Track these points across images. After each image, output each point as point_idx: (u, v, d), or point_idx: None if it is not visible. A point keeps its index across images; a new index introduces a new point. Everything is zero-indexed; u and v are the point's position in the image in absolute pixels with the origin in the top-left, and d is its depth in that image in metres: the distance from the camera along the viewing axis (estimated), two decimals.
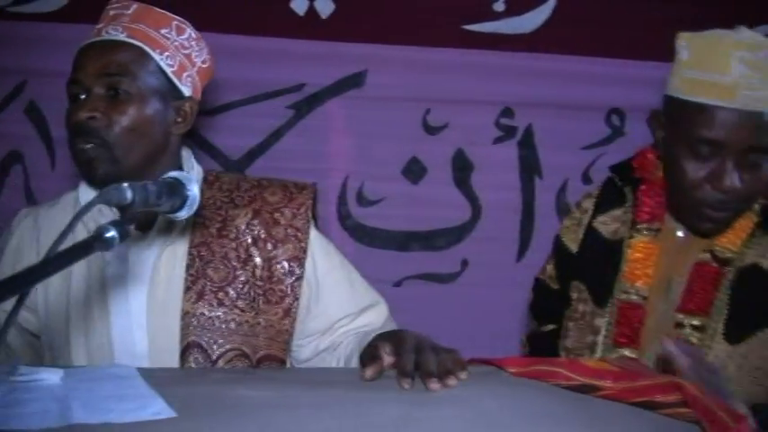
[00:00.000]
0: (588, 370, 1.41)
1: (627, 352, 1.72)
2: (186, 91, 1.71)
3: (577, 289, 1.86)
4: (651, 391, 1.28)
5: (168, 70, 1.67)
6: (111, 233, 1.11)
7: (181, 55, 1.70)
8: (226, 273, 1.69)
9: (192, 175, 1.50)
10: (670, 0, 2.87)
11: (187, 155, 1.78)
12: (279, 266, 1.71)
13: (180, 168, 1.73)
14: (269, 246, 1.72)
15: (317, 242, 1.76)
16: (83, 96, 1.63)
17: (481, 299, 2.88)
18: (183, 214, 1.33)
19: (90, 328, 1.70)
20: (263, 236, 1.72)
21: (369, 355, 1.49)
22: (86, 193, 1.73)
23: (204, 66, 1.77)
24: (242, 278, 1.70)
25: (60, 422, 1.14)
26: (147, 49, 1.65)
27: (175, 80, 1.68)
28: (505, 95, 2.91)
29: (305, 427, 1.15)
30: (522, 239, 2.95)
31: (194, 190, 1.31)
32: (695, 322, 1.67)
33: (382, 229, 2.90)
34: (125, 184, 1.17)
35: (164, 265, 1.69)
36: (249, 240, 1.72)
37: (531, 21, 2.89)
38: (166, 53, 1.67)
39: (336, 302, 1.77)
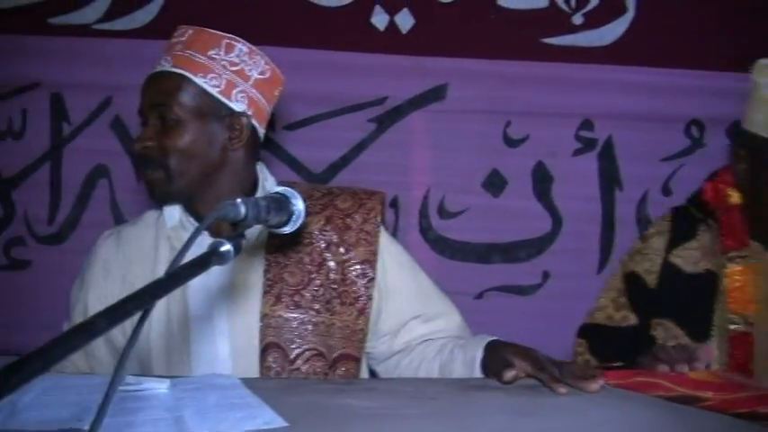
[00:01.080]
0: (690, 381, 1.42)
1: None
2: (238, 107, 1.74)
3: (663, 327, 1.82)
4: (754, 402, 1.30)
5: (213, 91, 1.71)
6: (227, 247, 1.15)
7: (229, 72, 1.73)
8: (301, 277, 1.76)
9: (292, 190, 1.54)
10: (747, 10, 2.88)
11: (260, 168, 1.84)
12: (351, 269, 1.78)
13: (253, 183, 1.80)
14: (341, 250, 1.79)
15: (387, 245, 1.83)
16: (143, 125, 1.72)
17: (562, 311, 2.87)
18: (288, 229, 1.37)
19: (171, 337, 1.75)
20: (335, 240, 1.79)
21: (501, 363, 1.54)
22: (171, 211, 1.80)
23: (263, 77, 1.78)
24: (317, 281, 1.77)
25: (176, 431, 1.16)
26: (187, 74, 1.70)
27: (223, 99, 1.72)
28: (585, 107, 2.92)
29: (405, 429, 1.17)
30: (603, 251, 2.95)
31: (299, 205, 1.35)
32: None
33: (463, 242, 2.91)
34: (239, 200, 1.21)
35: (243, 272, 1.76)
36: (323, 245, 1.79)
37: (609, 33, 2.92)
38: (210, 74, 1.71)
39: (406, 304, 1.83)
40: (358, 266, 1.78)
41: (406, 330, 1.83)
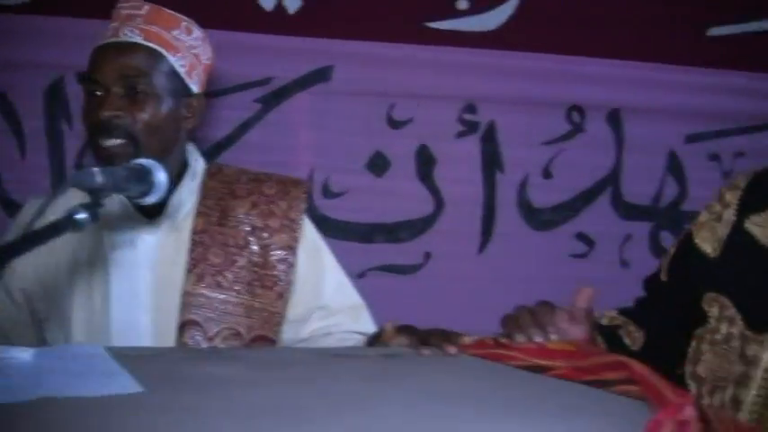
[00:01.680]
0: (545, 351, 1.47)
1: None
2: (195, 88, 1.85)
3: (719, 304, 1.52)
4: (600, 369, 1.34)
5: (181, 71, 1.81)
6: (83, 215, 1.19)
7: (191, 55, 1.84)
8: (225, 258, 1.85)
9: (154, 162, 1.61)
10: None
11: (191, 148, 1.93)
12: (273, 254, 1.87)
13: (185, 161, 1.89)
14: (265, 234, 1.87)
15: (308, 234, 1.93)
16: (99, 93, 1.75)
17: (443, 291, 2.95)
18: (152, 199, 1.52)
19: (92, 308, 1.82)
20: (259, 225, 1.88)
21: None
22: None
23: (208, 62, 1.92)
24: (240, 263, 1.85)
25: (30, 396, 1.18)
26: (162, 51, 1.79)
27: (186, 79, 1.82)
28: (468, 91, 2.98)
29: (264, 401, 1.21)
30: (484, 233, 3.02)
31: (161, 177, 1.48)
32: None
33: (346, 221, 2.95)
34: (95, 169, 1.27)
35: (168, 250, 1.84)
36: (247, 229, 1.87)
37: (493, 18, 2.96)
38: (179, 54, 1.82)
39: (314, 294, 1.92)
40: (280, 252, 1.87)
41: (312, 320, 1.92)
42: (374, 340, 1.78)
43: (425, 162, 3.00)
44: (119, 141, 1.72)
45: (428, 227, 3.00)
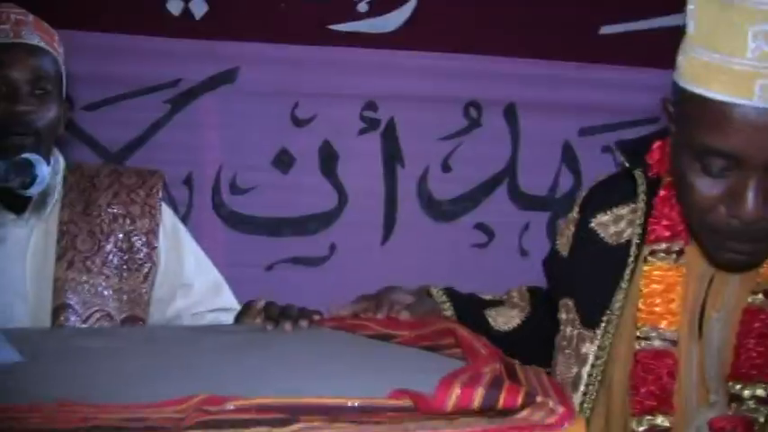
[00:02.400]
0: (393, 323, 1.60)
1: (659, 420, 1.30)
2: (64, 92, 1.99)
3: (566, 308, 1.50)
4: (435, 336, 1.48)
5: (63, 75, 1.95)
6: None
7: (60, 59, 1.97)
8: (92, 244, 1.97)
9: (38, 156, 1.75)
10: None
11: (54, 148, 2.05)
12: (137, 239, 1.99)
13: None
14: (128, 221, 1.99)
15: (166, 218, 2.05)
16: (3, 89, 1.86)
17: (348, 281, 3.04)
18: (34, 191, 1.67)
19: None
20: (122, 212, 1.99)
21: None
22: None
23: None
24: (107, 249, 1.96)
25: None
26: (56, 55, 1.93)
27: (63, 83, 1.96)
28: (369, 90, 3.11)
29: (131, 369, 1.33)
30: (387, 225, 3.16)
31: (43, 170, 1.63)
32: (760, 392, 1.21)
33: (254, 216, 3.07)
34: None
35: (38, 240, 1.95)
36: (111, 217, 1.99)
37: (392, 20, 3.11)
38: (60, 59, 1.95)
39: (177, 273, 2.03)
40: (142, 236, 1.99)
41: (177, 299, 2.03)
42: (240, 317, 1.87)
43: (328, 158, 3.13)
44: (25, 137, 1.84)
45: (333, 220, 3.13)
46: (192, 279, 2.04)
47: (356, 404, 1.03)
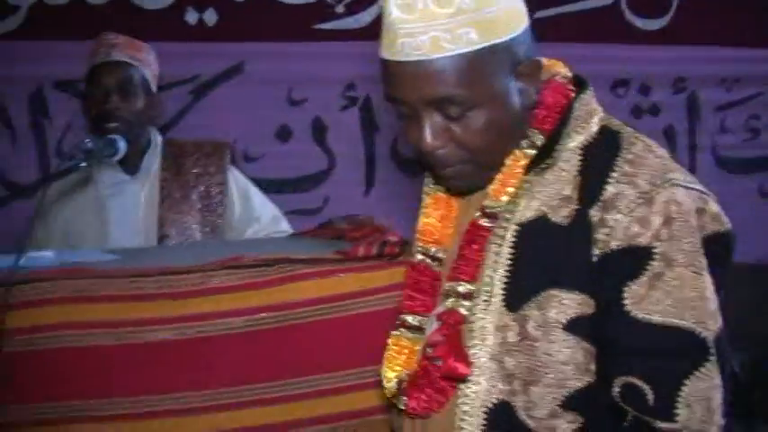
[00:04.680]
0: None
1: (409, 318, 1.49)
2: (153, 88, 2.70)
3: None
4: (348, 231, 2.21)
5: (149, 77, 2.69)
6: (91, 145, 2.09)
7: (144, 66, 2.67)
8: (183, 194, 2.65)
9: (119, 136, 2.36)
10: None
11: (153, 130, 2.76)
12: (213, 189, 2.66)
13: (149, 138, 2.70)
14: (206, 177, 2.67)
15: (235, 173, 2.75)
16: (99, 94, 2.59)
17: None
18: (116, 158, 2.34)
19: (89, 243, 2.54)
20: (201, 172, 2.67)
21: None
22: None
23: (157, 71, 2.79)
24: (192, 197, 2.65)
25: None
26: (139, 66, 2.69)
27: (152, 81, 2.70)
28: (348, 74, 3.73)
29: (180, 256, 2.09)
30: (368, 181, 3.80)
31: (121, 145, 2.27)
32: (461, 289, 1.37)
33: (263, 178, 3.43)
34: (88, 140, 2.13)
35: (147, 192, 2.64)
36: (195, 175, 2.68)
37: (366, 16, 3.72)
38: (146, 66, 2.70)
39: (249, 208, 2.73)
40: (217, 187, 2.69)
41: (250, 226, 2.76)
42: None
43: (319, 130, 3.75)
44: (114, 125, 2.49)
45: (325, 179, 3.77)
46: (260, 213, 2.70)
47: (311, 257, 1.86)
